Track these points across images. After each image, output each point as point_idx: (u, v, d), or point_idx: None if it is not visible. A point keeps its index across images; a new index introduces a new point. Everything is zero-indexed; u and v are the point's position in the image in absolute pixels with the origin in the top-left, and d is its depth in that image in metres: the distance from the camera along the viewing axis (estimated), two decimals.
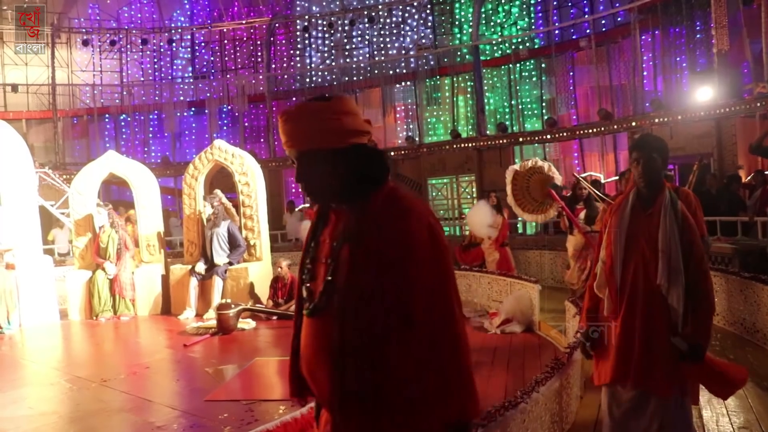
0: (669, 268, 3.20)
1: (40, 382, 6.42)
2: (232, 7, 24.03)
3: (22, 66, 22.33)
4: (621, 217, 3.42)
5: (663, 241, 3.23)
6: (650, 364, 3.23)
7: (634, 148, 3.44)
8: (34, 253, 9.94)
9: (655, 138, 3.49)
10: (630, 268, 3.33)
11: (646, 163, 3.35)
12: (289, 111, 2.00)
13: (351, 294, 1.89)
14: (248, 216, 10.29)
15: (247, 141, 22.74)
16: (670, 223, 3.25)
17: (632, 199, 3.43)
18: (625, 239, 3.37)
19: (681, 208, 3.31)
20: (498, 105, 20.76)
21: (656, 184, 3.37)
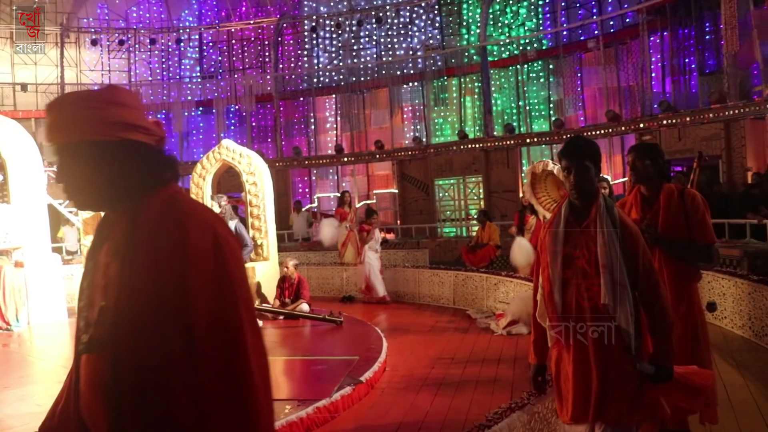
0: (613, 284, 2.89)
1: (47, 380, 6.44)
2: (240, 7, 24.06)
3: (31, 65, 22.43)
4: (555, 234, 3.09)
5: (602, 255, 2.91)
6: (611, 395, 2.92)
7: (563, 155, 3.08)
8: (43, 251, 9.97)
9: (586, 142, 3.14)
10: (572, 291, 3.00)
11: (579, 172, 3.02)
12: (53, 100, 1.67)
13: (123, 321, 1.57)
14: (255, 216, 10.30)
15: (255, 141, 22.78)
16: (608, 233, 2.93)
17: (565, 212, 3.11)
18: (561, 258, 3.03)
19: (618, 214, 3.00)
20: (505, 106, 20.73)
21: (590, 194, 3.05)
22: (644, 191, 4.03)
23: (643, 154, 3.99)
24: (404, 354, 7.42)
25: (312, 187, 22.54)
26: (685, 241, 3.88)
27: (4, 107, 20.83)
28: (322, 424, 4.93)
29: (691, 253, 3.91)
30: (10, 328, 9.07)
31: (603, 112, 17.32)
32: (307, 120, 23.37)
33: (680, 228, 3.88)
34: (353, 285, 12.19)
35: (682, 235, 3.88)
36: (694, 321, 3.86)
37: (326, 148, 22.69)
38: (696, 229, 3.88)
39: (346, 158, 21.14)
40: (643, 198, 4.04)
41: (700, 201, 3.91)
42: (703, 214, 3.88)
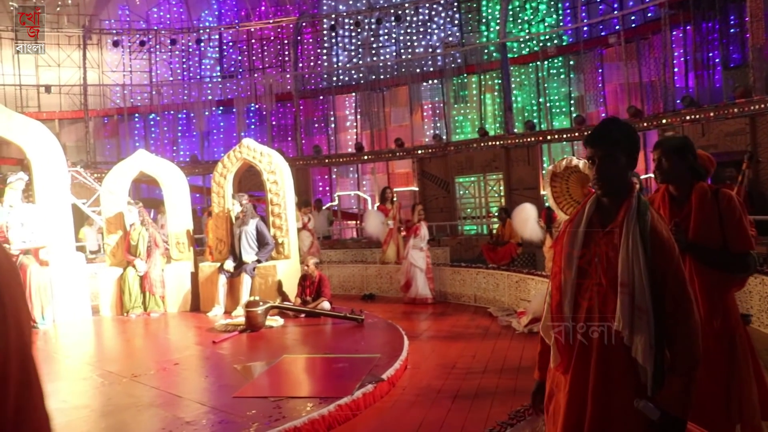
0: (631, 306, 2.34)
1: (73, 377, 6.52)
2: (259, 6, 24.16)
3: (55, 67, 22.69)
4: (573, 235, 2.57)
5: (623, 270, 2.37)
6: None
7: (587, 141, 2.59)
8: (67, 250, 10.09)
9: (618, 126, 2.57)
10: (583, 306, 2.49)
11: (603, 161, 2.51)
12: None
13: None
14: (276, 214, 10.34)
15: (275, 139, 22.88)
16: (633, 243, 2.38)
17: (589, 210, 2.59)
18: (577, 266, 2.52)
19: (652, 221, 2.44)
20: (526, 103, 20.64)
21: (619, 190, 2.52)
22: (673, 191, 3.56)
23: (671, 150, 3.51)
24: (426, 352, 7.42)
25: (332, 185, 22.59)
26: (719, 248, 3.41)
27: (28, 108, 21.09)
28: (343, 422, 4.95)
29: (724, 262, 3.42)
30: (36, 325, 9.19)
31: (624, 108, 17.17)
32: (327, 118, 23.42)
33: (714, 233, 3.40)
34: (374, 283, 12.21)
35: (715, 241, 3.40)
36: (731, 336, 3.37)
37: (346, 146, 22.73)
38: (731, 234, 3.39)
39: (366, 156, 21.15)
40: (672, 199, 3.57)
41: (737, 203, 3.44)
42: (739, 219, 3.41)
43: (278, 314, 8.93)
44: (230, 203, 10.40)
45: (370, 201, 21.43)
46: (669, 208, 3.55)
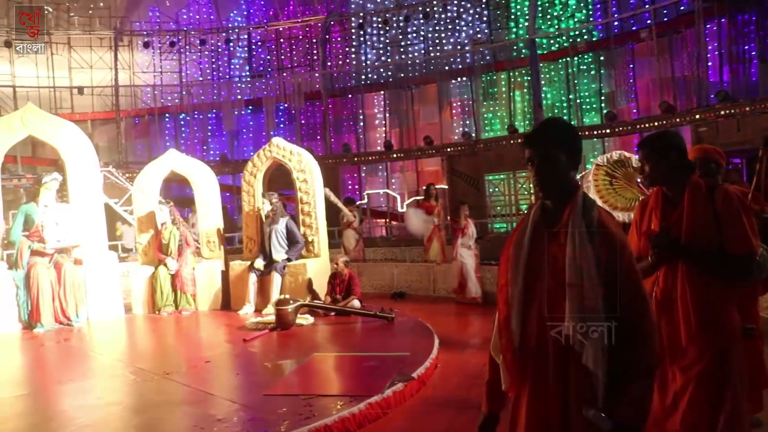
0: (581, 308, 2.16)
1: (106, 374, 6.59)
2: (287, 5, 24.26)
3: (87, 69, 23.00)
4: (519, 244, 2.37)
5: (570, 269, 2.19)
6: None
7: (525, 143, 2.41)
8: (101, 249, 10.21)
9: (558, 125, 2.43)
10: (532, 316, 2.28)
11: (543, 162, 2.33)
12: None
13: None
14: (306, 213, 10.36)
15: (304, 138, 22.95)
16: (579, 240, 2.21)
17: (534, 216, 2.40)
18: (523, 274, 2.32)
19: (599, 217, 2.28)
20: (556, 99, 20.46)
21: (562, 191, 2.34)
22: (667, 190, 3.25)
23: (652, 152, 3.21)
24: (455, 350, 7.38)
25: (362, 183, 22.60)
26: (716, 250, 3.05)
27: (62, 110, 21.40)
28: (374, 420, 4.93)
29: (722, 267, 3.06)
30: (71, 323, 9.31)
31: (657, 104, 16.93)
32: (355, 117, 23.45)
33: (709, 234, 3.06)
34: (404, 281, 12.17)
35: (711, 243, 3.05)
36: (724, 352, 3.00)
37: (375, 144, 22.73)
38: (728, 235, 3.04)
39: (395, 154, 21.13)
40: (666, 199, 3.25)
41: (735, 199, 3.09)
42: (737, 216, 3.05)
43: (308, 312, 8.94)
44: (260, 202, 10.45)
45: (399, 199, 21.41)
46: (662, 209, 3.24)
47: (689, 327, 3.02)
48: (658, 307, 3.11)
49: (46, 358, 7.75)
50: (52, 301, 9.23)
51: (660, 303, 3.13)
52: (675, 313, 3.08)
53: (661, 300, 3.14)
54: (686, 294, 3.04)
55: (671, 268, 3.12)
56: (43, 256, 9.35)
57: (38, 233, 9.32)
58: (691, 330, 3.02)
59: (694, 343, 3.01)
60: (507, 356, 2.35)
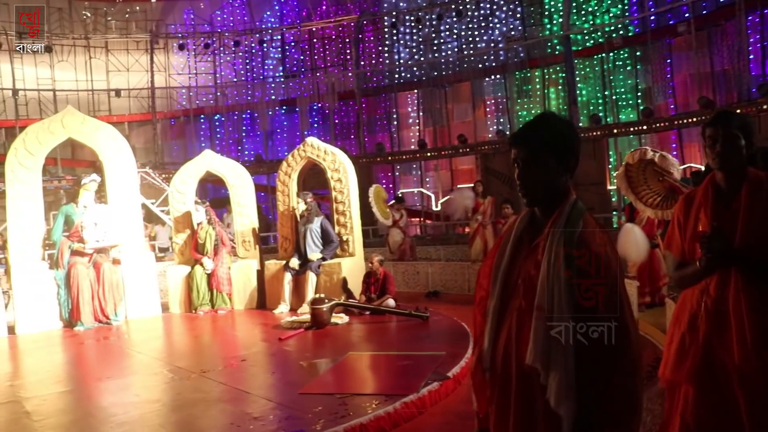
0: (546, 336, 1.87)
1: (144, 371, 6.67)
2: (320, 6, 24.34)
3: (124, 72, 23.35)
4: (501, 253, 2.13)
5: (541, 290, 1.92)
6: None
7: (510, 142, 2.12)
8: (138, 249, 10.36)
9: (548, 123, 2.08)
10: (503, 336, 2.04)
11: (527, 164, 2.05)
12: None
13: None
14: (341, 212, 10.38)
15: (338, 138, 23.01)
16: (555, 258, 1.91)
17: (520, 224, 2.13)
18: (499, 288, 2.08)
19: (583, 232, 1.96)
20: (591, 96, 20.21)
21: (548, 198, 2.05)
22: (721, 182, 2.77)
23: (735, 127, 2.72)
24: None
25: (396, 182, 22.59)
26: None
27: (99, 112, 21.76)
28: (409, 419, 4.91)
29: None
30: (110, 321, 9.46)
31: (695, 99, 16.62)
32: (389, 116, 23.44)
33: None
34: (439, 280, 12.13)
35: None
36: None
37: (409, 143, 22.70)
38: None
39: (429, 153, 21.07)
40: (718, 192, 2.77)
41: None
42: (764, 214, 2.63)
43: (343, 311, 8.95)
44: (295, 201, 10.49)
45: (433, 198, 21.35)
46: (713, 206, 2.76)
47: (743, 344, 2.57)
48: (707, 320, 2.70)
49: (86, 355, 7.89)
50: (91, 300, 9.40)
51: (710, 315, 2.70)
52: (727, 327, 2.64)
53: (712, 311, 2.70)
54: (740, 305, 2.61)
55: (724, 275, 2.67)
56: (83, 255, 9.52)
57: (78, 233, 9.49)
58: (746, 347, 2.56)
59: (750, 362, 2.56)
60: (477, 376, 2.13)
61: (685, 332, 2.78)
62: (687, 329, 2.77)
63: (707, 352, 2.68)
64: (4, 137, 21.14)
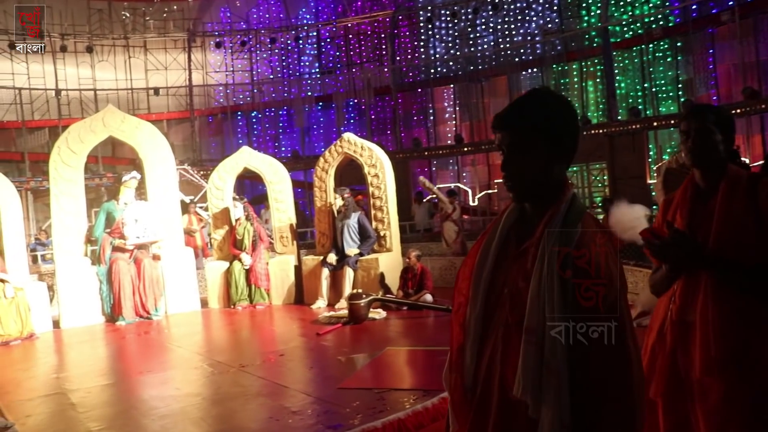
0: (538, 363, 1.61)
1: (184, 366, 6.76)
2: (355, 2, 24.36)
3: (162, 71, 23.65)
4: (484, 254, 1.83)
5: (531, 308, 1.63)
6: None
7: (493, 125, 1.83)
8: (177, 245, 10.49)
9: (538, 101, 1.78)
10: (486, 352, 1.76)
11: (512, 152, 1.76)
12: None
13: None
14: (378, 207, 10.38)
15: (374, 133, 22.99)
16: (548, 270, 1.62)
17: (507, 220, 1.84)
18: (483, 296, 1.79)
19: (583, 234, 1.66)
20: (630, 88, 19.88)
21: (539, 192, 1.76)
22: (699, 180, 2.56)
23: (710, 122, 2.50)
24: None
25: (432, 177, 22.50)
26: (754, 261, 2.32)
27: (139, 111, 22.06)
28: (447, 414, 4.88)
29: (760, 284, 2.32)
30: (150, 316, 9.61)
31: (739, 90, 16.21)
32: (425, 111, 23.36)
33: (746, 238, 2.35)
34: None
35: (748, 250, 2.34)
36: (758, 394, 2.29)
37: (445, 138, 22.60)
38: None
39: (466, 148, 20.94)
40: (696, 191, 2.56)
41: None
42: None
43: (381, 307, 8.95)
44: (332, 197, 10.52)
45: (470, 193, 21.24)
46: (689, 206, 2.55)
47: (706, 354, 2.33)
48: (672, 330, 2.48)
49: (127, 349, 8.02)
50: (132, 295, 9.55)
51: (674, 325, 2.48)
52: (692, 338, 2.39)
53: (677, 321, 2.47)
54: (707, 314, 2.35)
55: (691, 281, 2.44)
56: (124, 251, 9.68)
57: (119, 230, 9.64)
58: (708, 358, 2.33)
59: (712, 375, 2.33)
60: (455, 395, 1.83)
61: (654, 343, 2.57)
62: (656, 340, 2.57)
63: (672, 364, 2.47)
64: (47, 136, 21.57)
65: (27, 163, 20.98)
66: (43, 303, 9.32)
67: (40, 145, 21.69)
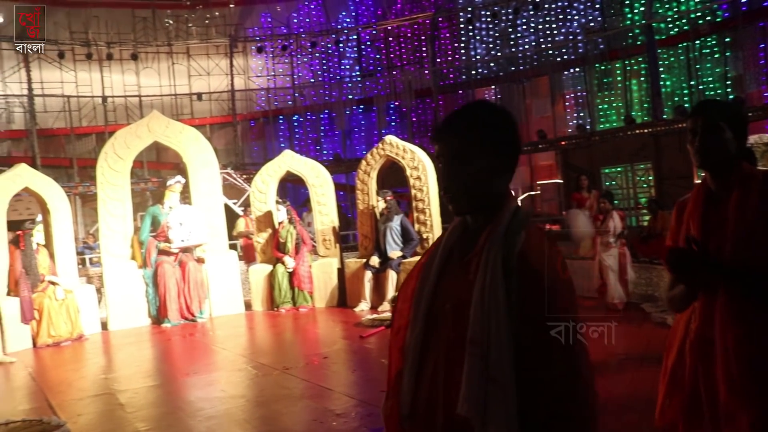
0: (483, 378, 1.48)
1: (229, 368, 6.81)
2: (395, 4, 24.36)
3: (205, 76, 23.98)
4: (426, 271, 1.72)
5: (474, 320, 1.52)
6: None
7: (432, 136, 1.76)
8: (221, 248, 10.59)
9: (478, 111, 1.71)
10: (426, 375, 1.63)
11: (451, 163, 1.66)
12: None
13: None
14: (420, 210, 10.34)
15: (415, 136, 22.92)
16: (491, 280, 1.52)
17: (451, 235, 1.74)
18: (423, 316, 1.66)
19: (526, 246, 1.56)
20: (675, 87, 19.47)
21: (480, 204, 1.66)
22: (711, 184, 2.37)
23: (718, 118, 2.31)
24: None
25: None
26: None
27: (182, 116, 22.39)
28: None
29: None
30: (195, 319, 9.72)
31: None
32: None
33: (764, 243, 2.14)
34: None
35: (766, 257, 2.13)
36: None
37: None
38: None
39: None
40: (709, 194, 2.36)
41: None
42: None
43: None
44: (374, 200, 10.51)
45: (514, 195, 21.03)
46: (702, 209, 2.35)
47: (729, 376, 2.15)
48: (692, 349, 2.31)
49: (173, 351, 8.13)
50: (177, 298, 9.68)
51: (694, 344, 2.31)
52: (714, 358, 2.22)
53: (696, 341, 2.30)
54: (726, 331, 2.18)
55: (711, 296, 2.24)
56: (169, 255, 9.81)
57: (164, 233, 9.78)
58: (731, 380, 2.15)
59: (737, 399, 2.14)
60: (391, 425, 1.74)
61: (674, 363, 2.41)
62: (675, 360, 2.41)
63: (693, 386, 2.29)
64: (95, 142, 22.04)
65: (75, 169, 21.50)
66: (91, 305, 9.50)
67: (88, 151, 22.21)
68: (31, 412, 5.31)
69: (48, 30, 21.32)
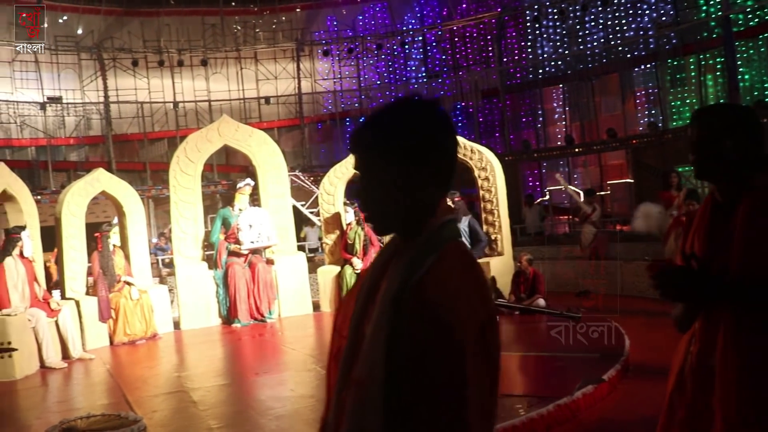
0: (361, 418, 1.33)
1: (298, 368, 6.89)
2: (461, 4, 24.22)
3: (272, 80, 24.37)
4: (364, 284, 1.52)
5: (365, 355, 1.36)
6: None
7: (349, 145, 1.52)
8: (290, 249, 10.73)
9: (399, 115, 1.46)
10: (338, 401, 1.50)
11: (365, 176, 1.45)
12: None
13: None
14: (489, 211, 10.25)
15: (482, 136, 22.71)
16: (378, 314, 1.36)
17: (386, 252, 1.53)
18: (351, 336, 1.47)
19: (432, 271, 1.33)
20: (755, 81, 18.72)
21: (399, 223, 1.47)
22: (718, 195, 2.20)
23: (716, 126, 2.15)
24: (649, 352, 6.93)
25: (542, 180, 22.06)
26: None
27: (251, 119, 22.80)
28: (563, 422, 4.75)
29: None
30: (264, 319, 9.87)
31: None
32: (534, 112, 22.91)
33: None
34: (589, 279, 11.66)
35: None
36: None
37: (555, 139, 22.09)
38: None
39: (577, 149, 20.39)
40: (716, 207, 2.20)
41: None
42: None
43: None
44: None
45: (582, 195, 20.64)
46: (708, 223, 2.19)
47: (727, 408, 1.99)
48: (692, 376, 2.16)
49: (243, 351, 8.27)
50: (247, 299, 9.84)
51: (694, 370, 2.15)
52: (713, 386, 2.05)
53: (697, 367, 2.13)
54: (727, 357, 2.01)
55: (713, 318, 2.08)
56: (239, 256, 9.98)
57: (234, 235, 9.96)
58: (729, 412, 1.98)
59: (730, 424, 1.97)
60: (320, 426, 1.63)
61: (673, 392, 2.24)
62: (674, 388, 2.23)
63: (692, 417, 2.12)
64: (166, 147, 22.67)
65: (148, 173, 22.17)
66: (164, 305, 9.75)
67: (160, 155, 22.86)
68: (109, 407, 5.49)
69: (122, 39, 22.19)
